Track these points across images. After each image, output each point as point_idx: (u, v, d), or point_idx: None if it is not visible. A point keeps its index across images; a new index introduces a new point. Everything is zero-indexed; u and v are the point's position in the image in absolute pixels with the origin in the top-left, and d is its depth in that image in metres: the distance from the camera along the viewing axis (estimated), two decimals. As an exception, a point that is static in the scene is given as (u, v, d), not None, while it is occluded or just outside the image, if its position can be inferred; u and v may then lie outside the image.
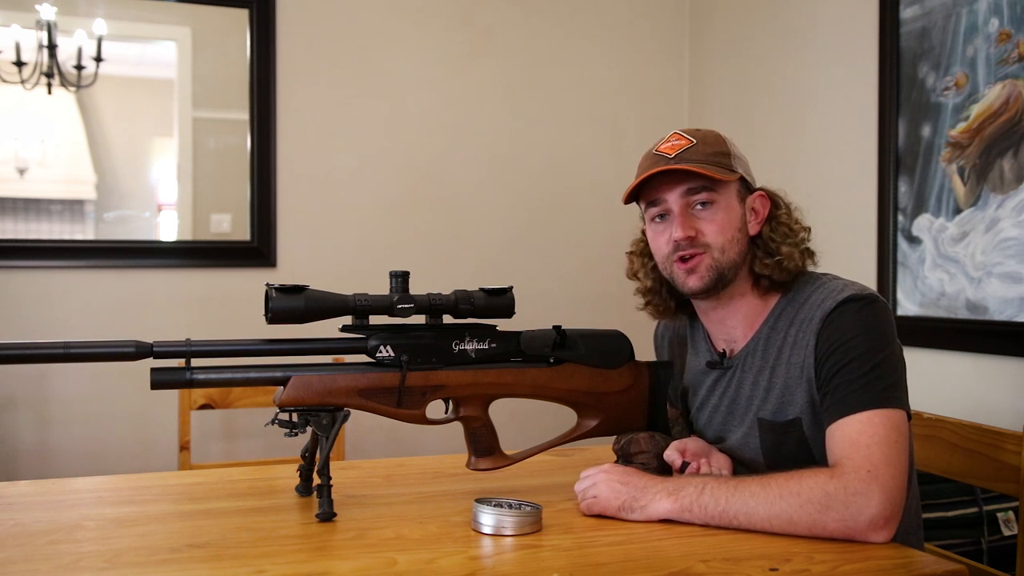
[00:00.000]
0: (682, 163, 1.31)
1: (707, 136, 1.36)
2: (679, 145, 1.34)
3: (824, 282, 1.34)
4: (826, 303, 1.28)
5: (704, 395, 1.46)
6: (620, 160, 3.33)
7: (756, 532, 1.15)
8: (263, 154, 2.92)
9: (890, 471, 1.15)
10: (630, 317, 1.63)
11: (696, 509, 1.18)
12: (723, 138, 1.37)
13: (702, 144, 1.34)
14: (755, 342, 1.37)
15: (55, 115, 2.87)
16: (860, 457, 1.16)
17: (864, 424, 1.19)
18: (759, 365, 1.36)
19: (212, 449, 2.88)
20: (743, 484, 1.18)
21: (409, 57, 3.10)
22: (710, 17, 3.28)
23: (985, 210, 2.14)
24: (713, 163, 1.32)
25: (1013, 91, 2.07)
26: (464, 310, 1.29)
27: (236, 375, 1.22)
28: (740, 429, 1.38)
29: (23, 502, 1.33)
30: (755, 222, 1.37)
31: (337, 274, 2.92)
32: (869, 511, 1.13)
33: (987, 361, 2.13)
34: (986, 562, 1.96)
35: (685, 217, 1.33)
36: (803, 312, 1.32)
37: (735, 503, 1.17)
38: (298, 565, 1.03)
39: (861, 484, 1.14)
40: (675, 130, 1.38)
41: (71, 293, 2.77)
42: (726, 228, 1.33)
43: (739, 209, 1.35)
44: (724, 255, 1.33)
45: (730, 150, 1.36)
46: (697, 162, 1.31)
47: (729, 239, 1.33)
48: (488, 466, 1.34)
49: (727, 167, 1.33)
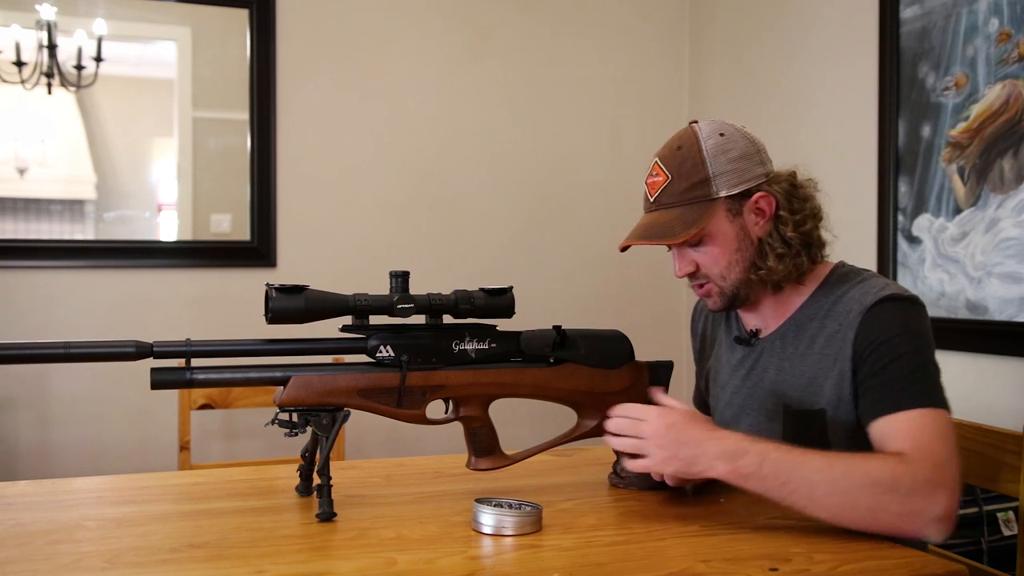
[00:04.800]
0: (660, 208, 1.34)
1: (684, 160, 1.33)
2: (657, 184, 1.35)
3: (865, 278, 1.34)
4: (866, 298, 1.28)
5: (727, 374, 1.47)
6: (620, 160, 3.33)
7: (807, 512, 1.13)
8: (263, 154, 2.92)
9: (953, 469, 1.15)
10: (630, 317, 1.63)
11: (755, 478, 1.15)
12: (701, 155, 1.32)
13: (676, 179, 1.33)
14: (785, 328, 1.39)
15: (55, 115, 2.87)
16: (924, 450, 1.15)
17: (921, 420, 1.18)
18: (789, 352, 1.37)
19: (212, 449, 2.88)
20: (806, 457, 1.15)
21: (409, 57, 3.10)
22: (710, 17, 3.28)
23: (985, 210, 2.14)
24: (688, 201, 1.32)
25: (1013, 91, 2.07)
26: (464, 310, 1.29)
27: (236, 375, 1.22)
28: (759, 414, 1.40)
29: (23, 502, 1.33)
30: (761, 224, 1.35)
31: (337, 274, 2.92)
32: (937, 505, 1.11)
33: (987, 361, 2.13)
34: (986, 562, 1.96)
35: (680, 258, 1.38)
36: (841, 305, 1.32)
37: (798, 476, 1.13)
38: (298, 565, 1.03)
39: (929, 474, 1.12)
40: (656, 156, 1.38)
41: (71, 293, 2.77)
42: (719, 258, 1.35)
43: (732, 229, 1.34)
44: (726, 280, 1.36)
45: (708, 173, 1.32)
46: (671, 207, 1.33)
47: (726, 265, 1.35)
48: (488, 466, 1.34)
49: (705, 198, 1.32)
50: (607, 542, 1.13)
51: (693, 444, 1.18)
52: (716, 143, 1.33)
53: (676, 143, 1.36)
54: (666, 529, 1.19)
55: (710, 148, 1.33)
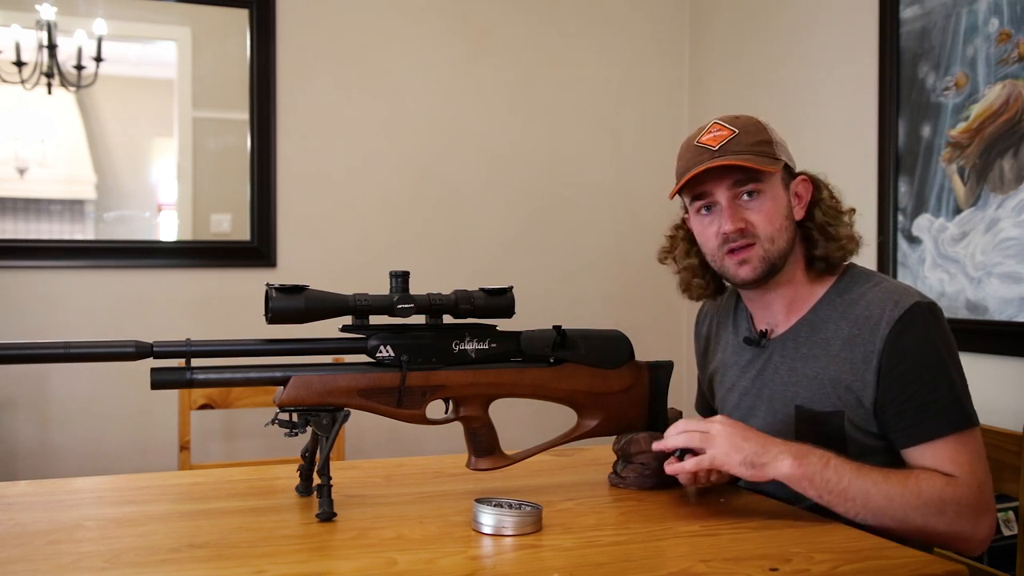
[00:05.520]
0: (727, 155, 1.32)
1: (748, 124, 1.36)
2: (721, 136, 1.34)
3: (878, 281, 1.35)
4: (891, 308, 1.28)
5: (736, 375, 1.47)
6: (620, 160, 3.33)
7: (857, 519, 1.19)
8: (263, 154, 2.92)
9: (990, 487, 1.25)
10: (630, 317, 1.63)
11: (818, 480, 1.18)
12: (763, 125, 1.37)
13: (744, 134, 1.34)
14: (797, 328, 1.38)
15: (55, 115, 2.87)
16: (967, 474, 1.22)
17: (961, 444, 1.24)
18: (802, 353, 1.37)
19: (212, 449, 2.88)
20: (865, 469, 1.20)
21: (409, 57, 3.10)
22: (710, 17, 3.28)
23: (985, 210, 2.14)
24: (757, 153, 1.33)
25: (1013, 91, 2.07)
26: (464, 310, 1.29)
27: (236, 375, 1.22)
28: (769, 415, 1.39)
29: (23, 502, 1.33)
30: (799, 207, 1.38)
31: (337, 274, 2.92)
32: (981, 529, 1.22)
33: (987, 361, 2.13)
34: (986, 562, 1.96)
35: (733, 209, 1.34)
36: (859, 309, 1.32)
37: (857, 485, 1.18)
38: (298, 565, 1.03)
39: (974, 499, 1.21)
40: (715, 119, 1.38)
41: (71, 293, 2.77)
42: (774, 217, 1.34)
43: (784, 197, 1.36)
44: (774, 244, 1.34)
45: (771, 137, 1.36)
46: (741, 153, 1.32)
47: (778, 228, 1.34)
48: (488, 466, 1.34)
49: (770, 155, 1.34)
50: (607, 542, 1.13)
51: (759, 441, 1.21)
52: (765, 123, 1.38)
53: (733, 115, 1.38)
54: (666, 529, 1.18)
55: (767, 125, 1.38)
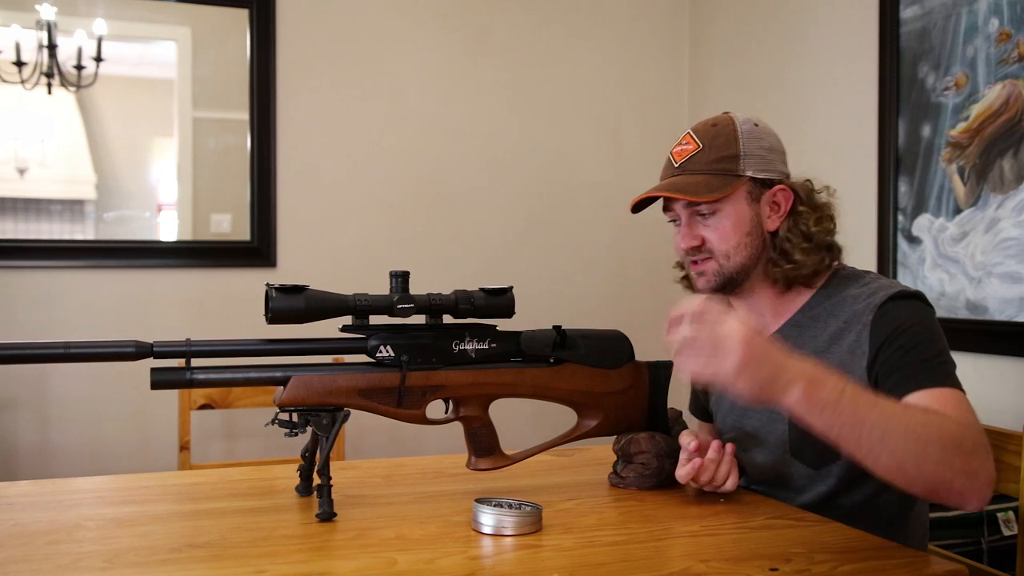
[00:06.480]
0: (684, 173, 1.35)
1: (717, 137, 1.36)
2: (686, 151, 1.37)
3: (869, 280, 1.35)
4: (875, 297, 1.29)
5: None
6: (620, 160, 3.33)
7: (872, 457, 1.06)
8: (263, 154, 2.92)
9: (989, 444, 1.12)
10: (630, 317, 1.63)
11: (829, 412, 1.04)
12: (736, 134, 1.36)
13: (707, 149, 1.35)
14: (786, 329, 1.39)
15: (55, 115, 2.87)
16: (969, 420, 1.14)
17: (955, 398, 1.18)
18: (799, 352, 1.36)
19: (212, 449, 2.88)
20: (881, 400, 1.09)
21: (409, 57, 3.10)
22: (710, 17, 3.28)
23: (985, 210, 2.14)
24: (715, 171, 1.33)
25: (1013, 91, 2.07)
26: (464, 310, 1.29)
27: (236, 375, 1.22)
28: (761, 415, 1.39)
29: (23, 502, 1.33)
30: (776, 217, 1.37)
31: (337, 274, 2.92)
32: (990, 469, 1.10)
33: (987, 361, 2.13)
34: (986, 562, 1.96)
35: (689, 227, 1.37)
36: (846, 307, 1.32)
37: (873, 416, 1.05)
38: (298, 565, 1.03)
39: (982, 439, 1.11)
40: (691, 127, 1.39)
41: (71, 293, 2.77)
42: (729, 235, 1.35)
43: (748, 211, 1.35)
44: (729, 260, 1.36)
45: (739, 150, 1.35)
46: (697, 173, 1.34)
47: (734, 245, 1.35)
48: (488, 466, 1.34)
49: (731, 172, 1.34)
50: (607, 542, 1.13)
51: (774, 361, 1.04)
52: (750, 129, 1.38)
53: (712, 121, 1.39)
54: (666, 529, 1.19)
55: (744, 131, 1.37)
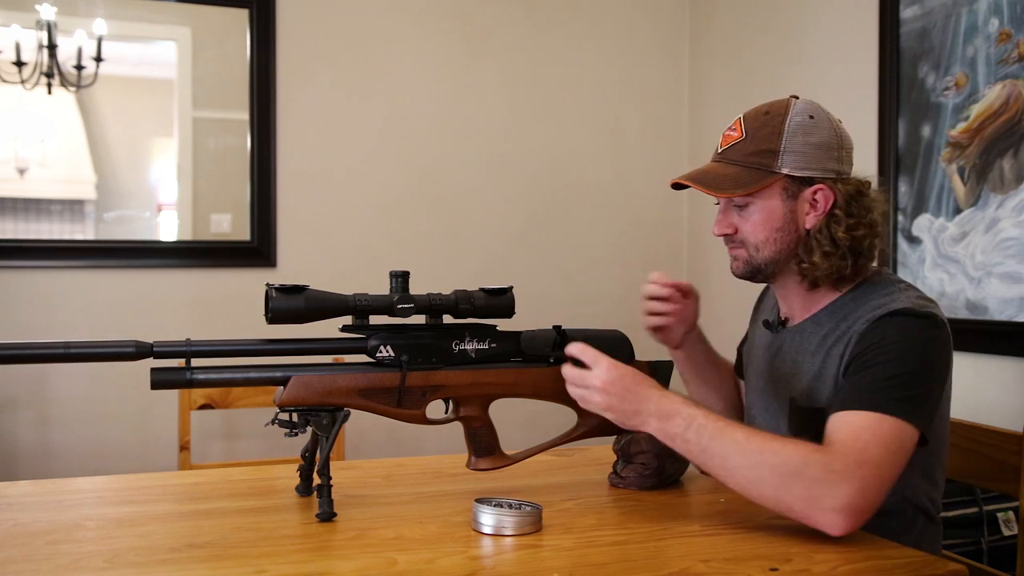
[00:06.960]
0: (723, 161, 1.36)
1: (764, 125, 1.33)
2: (730, 138, 1.36)
3: (893, 291, 1.31)
4: (879, 310, 1.27)
5: (759, 356, 1.49)
6: (620, 160, 3.33)
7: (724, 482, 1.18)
8: (263, 154, 2.92)
9: (878, 473, 1.12)
10: (630, 317, 1.63)
11: (678, 441, 1.20)
12: (781, 128, 1.32)
13: (749, 140, 1.33)
14: (807, 323, 1.39)
15: (55, 115, 2.87)
16: (854, 448, 1.13)
17: (871, 423, 1.15)
18: (804, 348, 1.37)
19: (212, 449, 2.88)
20: (729, 430, 1.17)
21: (409, 57, 3.10)
22: (710, 17, 3.28)
23: (985, 210, 2.14)
24: (751, 164, 1.32)
25: (1013, 91, 2.07)
26: (464, 310, 1.29)
27: (236, 375, 1.22)
28: (773, 402, 1.41)
29: (23, 502, 1.33)
30: (814, 215, 1.33)
31: (337, 274, 2.92)
32: (836, 497, 1.09)
33: (987, 361, 2.13)
34: (986, 562, 1.96)
35: (724, 214, 1.38)
36: (858, 315, 1.31)
37: (716, 445, 1.16)
38: (298, 565, 1.03)
39: (842, 467, 1.10)
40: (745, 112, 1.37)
41: (71, 293, 2.77)
42: (760, 228, 1.34)
43: (782, 207, 1.33)
44: (759, 252, 1.35)
45: (779, 146, 1.32)
46: (733, 164, 1.33)
47: (764, 239, 1.34)
48: (488, 466, 1.34)
49: (766, 167, 1.31)
50: (607, 542, 1.13)
51: (636, 397, 1.22)
52: (801, 121, 1.33)
53: (766, 108, 1.36)
54: (666, 529, 1.19)
55: (793, 124, 1.32)
